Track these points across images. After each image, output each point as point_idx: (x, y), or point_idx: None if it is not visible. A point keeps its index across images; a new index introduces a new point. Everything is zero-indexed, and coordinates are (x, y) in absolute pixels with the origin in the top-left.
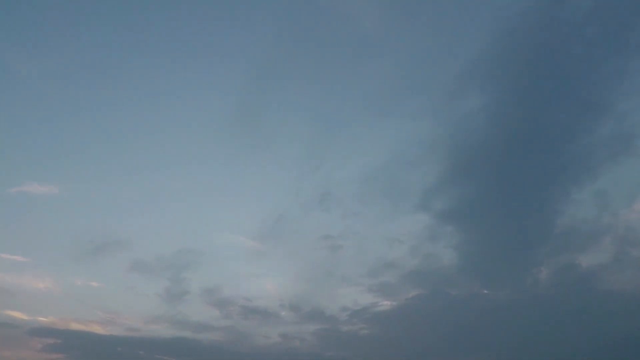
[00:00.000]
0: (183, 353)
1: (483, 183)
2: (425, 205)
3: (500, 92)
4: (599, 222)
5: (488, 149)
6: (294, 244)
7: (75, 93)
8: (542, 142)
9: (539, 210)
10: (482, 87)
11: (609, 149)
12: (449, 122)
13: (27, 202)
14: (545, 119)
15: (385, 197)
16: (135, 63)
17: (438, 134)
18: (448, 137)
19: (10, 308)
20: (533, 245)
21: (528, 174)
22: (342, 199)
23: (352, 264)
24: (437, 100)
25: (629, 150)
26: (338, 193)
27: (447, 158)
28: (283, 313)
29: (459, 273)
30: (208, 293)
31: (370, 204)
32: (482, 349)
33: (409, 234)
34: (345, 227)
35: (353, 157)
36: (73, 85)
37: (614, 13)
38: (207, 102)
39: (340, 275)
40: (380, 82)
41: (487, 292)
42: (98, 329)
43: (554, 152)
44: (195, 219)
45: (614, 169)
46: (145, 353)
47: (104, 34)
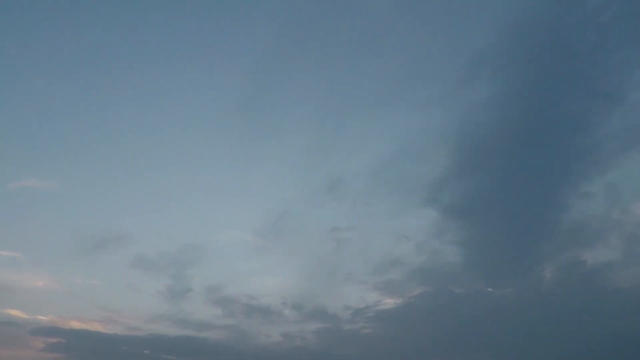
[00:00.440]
0: (187, 352)
1: (490, 177)
2: (433, 199)
3: (510, 81)
4: (608, 217)
5: (496, 141)
6: (298, 240)
7: (77, 89)
8: (551, 133)
9: (546, 205)
10: (491, 76)
11: (620, 142)
12: (458, 111)
13: (26, 197)
14: (555, 110)
15: (393, 190)
16: (139, 57)
17: (446, 124)
18: (456, 127)
19: (10, 306)
20: (538, 242)
21: (536, 167)
22: (348, 193)
23: (357, 261)
24: (446, 89)
25: None
26: (344, 187)
27: (455, 150)
28: (286, 311)
29: (464, 271)
30: (211, 291)
31: (377, 199)
32: (486, 348)
33: (416, 229)
34: (351, 222)
35: (360, 149)
36: (75, 81)
37: None
38: (210, 98)
39: (345, 273)
40: (388, 71)
41: (491, 290)
42: (99, 328)
43: (563, 144)
44: (199, 215)
45: (625, 163)
46: (151, 352)
47: (110, 24)
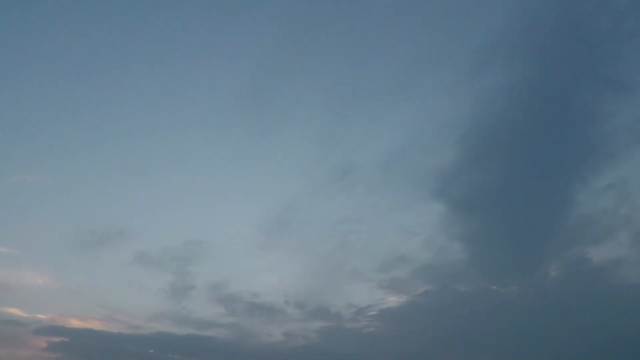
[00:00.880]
0: (192, 351)
1: (498, 169)
2: (441, 193)
3: (520, 70)
4: (617, 212)
5: (505, 132)
6: (303, 236)
7: (79, 85)
8: (561, 125)
9: (554, 200)
10: (501, 64)
11: (633, 134)
12: (467, 101)
13: (25, 192)
14: (566, 100)
15: (401, 183)
16: (143, 51)
17: (455, 114)
18: (465, 117)
19: (8, 305)
20: (545, 239)
21: (544, 160)
22: (355, 187)
23: (363, 258)
24: (455, 79)
25: None
26: (351, 180)
27: (463, 141)
28: (288, 310)
29: (468, 268)
30: (214, 288)
31: (385, 191)
32: (489, 346)
33: (424, 224)
34: (358, 216)
35: (368, 141)
36: (77, 77)
37: None
38: (212, 93)
39: (350, 270)
40: (397, 61)
41: (495, 288)
42: (99, 326)
43: (574, 135)
44: (202, 211)
45: (637, 156)
46: (156, 351)
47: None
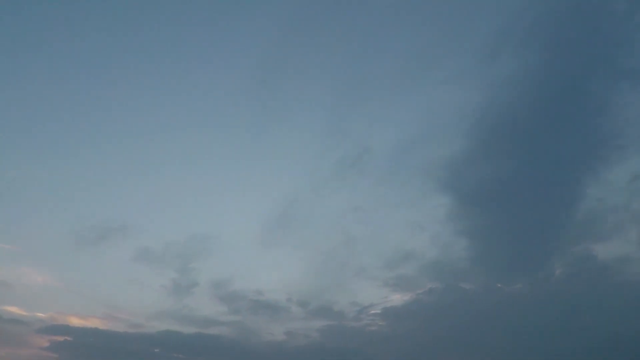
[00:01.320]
0: (196, 350)
1: (507, 161)
2: (448, 185)
3: (531, 59)
4: (628, 208)
5: (514, 123)
6: (308, 232)
7: (82, 80)
8: (571, 115)
9: (562, 194)
10: (512, 53)
11: None
12: (478, 90)
13: (25, 189)
14: (576, 90)
15: (410, 175)
16: (149, 48)
17: (465, 104)
18: (476, 107)
19: (7, 303)
20: (551, 235)
21: (553, 153)
22: (361, 180)
23: (368, 255)
24: (466, 67)
25: None
26: (359, 171)
27: (473, 132)
28: (291, 308)
29: (473, 266)
30: (217, 285)
31: (393, 183)
32: (494, 345)
33: (432, 218)
34: (364, 210)
35: (377, 131)
36: (80, 73)
37: None
38: (217, 87)
39: (355, 268)
40: (408, 49)
41: (500, 285)
42: (99, 324)
43: (584, 127)
44: (206, 206)
45: None
46: (161, 350)
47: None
